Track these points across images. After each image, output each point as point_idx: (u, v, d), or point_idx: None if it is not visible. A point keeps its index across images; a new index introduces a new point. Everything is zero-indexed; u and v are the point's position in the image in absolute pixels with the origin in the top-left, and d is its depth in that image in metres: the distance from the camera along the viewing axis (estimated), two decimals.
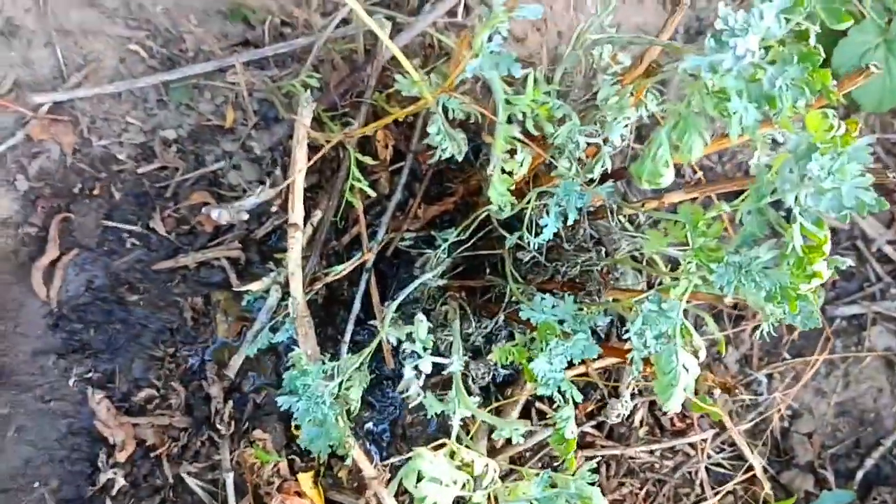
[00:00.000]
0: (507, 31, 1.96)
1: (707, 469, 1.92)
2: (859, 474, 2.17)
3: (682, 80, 1.06)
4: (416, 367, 1.12)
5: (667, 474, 1.84)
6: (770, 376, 2.12)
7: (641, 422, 1.80)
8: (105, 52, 1.70)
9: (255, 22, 1.76)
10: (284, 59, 1.73)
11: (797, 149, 1.01)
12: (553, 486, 1.11)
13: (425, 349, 1.12)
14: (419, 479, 1.06)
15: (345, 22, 1.76)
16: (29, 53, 1.67)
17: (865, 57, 2.08)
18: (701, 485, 1.89)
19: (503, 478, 1.21)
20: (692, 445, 1.88)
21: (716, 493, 1.90)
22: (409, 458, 1.07)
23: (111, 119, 1.67)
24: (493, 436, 1.52)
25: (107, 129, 1.67)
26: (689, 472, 1.88)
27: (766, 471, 2.05)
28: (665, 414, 1.86)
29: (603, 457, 1.73)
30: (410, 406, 1.21)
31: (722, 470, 1.94)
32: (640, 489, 1.78)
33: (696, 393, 1.20)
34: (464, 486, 1.12)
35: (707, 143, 1.04)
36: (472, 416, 1.22)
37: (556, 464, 1.70)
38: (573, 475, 1.12)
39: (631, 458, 1.77)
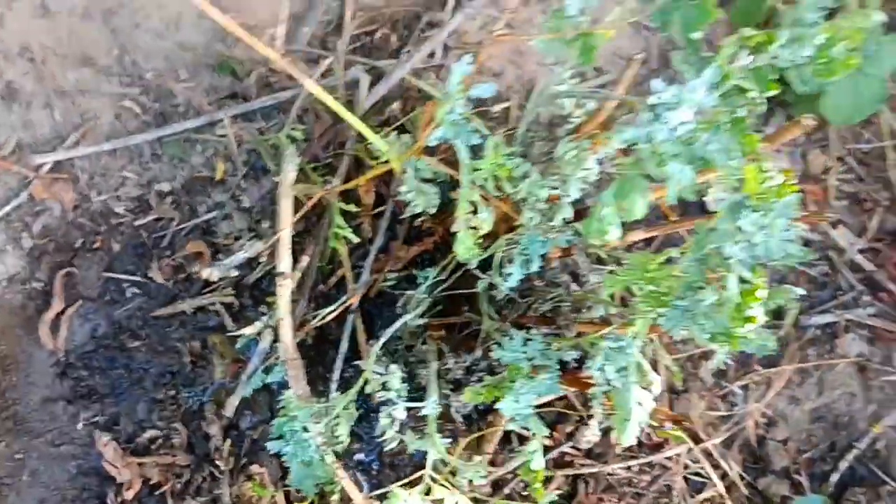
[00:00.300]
0: (483, 67, 2.06)
1: (686, 479, 2.02)
2: (834, 477, 2.27)
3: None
4: (390, 414, 1.23)
5: (644, 488, 1.94)
6: (745, 387, 2.22)
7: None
8: (101, 109, 1.81)
9: (242, 74, 1.87)
10: (270, 112, 1.83)
11: (731, 205, 1.11)
12: None
13: (399, 397, 1.23)
14: None
15: (328, 72, 1.86)
16: (28, 115, 1.77)
17: None
18: (680, 495, 1.99)
19: None
20: (669, 458, 1.98)
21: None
22: (387, 495, 1.18)
23: (108, 174, 1.78)
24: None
25: (105, 185, 1.78)
26: (667, 485, 1.99)
27: (742, 478, 2.15)
28: (642, 430, 1.96)
29: (581, 475, 1.84)
30: (386, 449, 1.31)
31: (700, 479, 2.04)
32: (619, 502, 1.89)
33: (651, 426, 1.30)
34: None
35: (648, 202, 1.14)
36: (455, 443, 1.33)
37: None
38: None
39: (609, 474, 1.87)
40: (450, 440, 1.67)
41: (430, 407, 1.27)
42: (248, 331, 1.65)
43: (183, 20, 1.87)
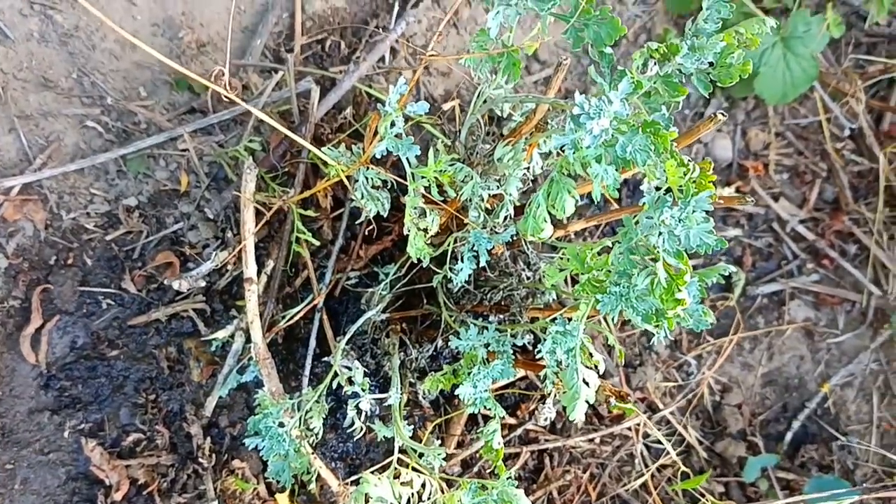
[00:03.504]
0: (432, 68, 2.13)
1: (647, 447, 2.14)
2: (788, 436, 2.40)
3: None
4: (357, 406, 1.33)
5: (607, 458, 2.06)
6: (699, 357, 2.34)
7: None
8: (64, 131, 1.87)
9: (199, 89, 1.94)
10: (228, 124, 1.91)
11: (653, 200, 1.21)
12: (484, 487, 1.32)
13: (364, 390, 1.33)
14: (367, 501, 1.27)
15: (280, 85, 1.94)
16: None
17: (763, 57, 2.29)
18: (641, 462, 2.11)
19: (450, 486, 1.42)
20: (628, 429, 2.10)
21: (656, 469, 2.12)
22: (358, 481, 1.28)
23: (77, 193, 1.85)
24: (443, 440, 1.74)
25: (74, 203, 1.85)
26: (629, 453, 2.11)
27: (700, 442, 2.28)
28: (601, 404, 2.07)
29: (546, 449, 1.95)
30: (355, 438, 1.41)
31: (660, 446, 2.16)
32: (584, 473, 2.00)
33: (597, 402, 1.40)
34: (408, 500, 1.33)
35: (577, 200, 1.24)
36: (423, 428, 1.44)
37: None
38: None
39: (573, 447, 1.99)
40: (419, 425, 1.78)
41: (395, 397, 1.37)
42: (221, 334, 1.74)
43: (138, 39, 1.94)
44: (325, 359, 1.66)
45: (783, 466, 2.32)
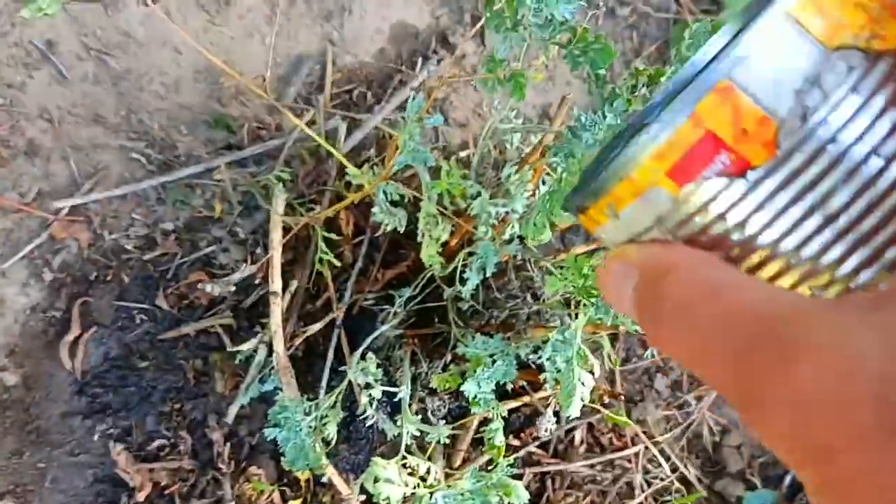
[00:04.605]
0: (450, 119, 2.31)
1: (647, 482, 2.21)
2: (787, 479, 2.46)
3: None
4: (370, 395, 1.44)
5: (608, 486, 2.14)
6: (699, 398, 2.42)
7: (582, 441, 2.11)
8: (111, 161, 2.05)
9: (236, 128, 2.13)
10: (261, 158, 2.09)
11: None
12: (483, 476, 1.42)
13: (376, 380, 1.45)
14: (376, 482, 1.37)
15: (311, 123, 2.12)
16: (48, 167, 2.02)
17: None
18: (641, 492, 2.18)
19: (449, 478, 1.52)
20: (629, 459, 2.18)
21: (655, 501, 2.19)
22: (370, 466, 1.38)
23: (119, 217, 2.02)
24: (448, 456, 1.84)
25: (116, 225, 2.01)
26: (628, 483, 2.18)
27: (700, 480, 2.34)
28: (603, 434, 2.17)
29: (548, 472, 2.04)
30: (367, 424, 1.52)
31: (660, 481, 2.23)
32: (584, 498, 2.08)
33: (592, 401, 1.51)
34: (415, 486, 1.43)
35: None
36: (426, 439, 1.54)
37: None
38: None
39: (573, 472, 2.07)
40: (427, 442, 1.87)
41: (404, 392, 1.49)
42: (246, 347, 1.86)
43: (181, 84, 2.14)
44: (342, 368, 1.77)
45: None
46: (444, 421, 1.95)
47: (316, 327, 1.81)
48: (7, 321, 1.92)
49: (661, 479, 2.24)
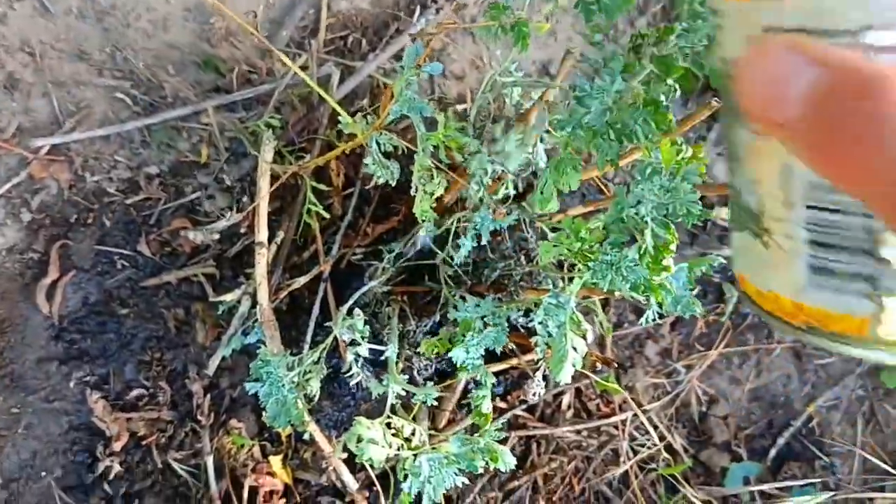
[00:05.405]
0: (447, 71, 2.24)
1: (633, 449, 2.19)
2: (772, 451, 2.45)
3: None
4: (356, 353, 1.39)
5: (593, 452, 2.12)
6: (688, 367, 2.40)
7: (569, 406, 2.08)
8: (95, 100, 1.97)
9: (225, 71, 2.04)
10: (250, 103, 2.01)
11: (645, 173, 1.29)
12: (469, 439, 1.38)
13: (363, 338, 1.40)
14: (360, 441, 1.33)
15: (303, 68, 2.04)
16: (28, 103, 1.94)
17: None
18: (626, 459, 2.16)
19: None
20: (615, 426, 2.15)
21: (640, 469, 2.17)
22: (353, 425, 1.34)
23: (101, 158, 1.94)
24: (433, 416, 1.80)
25: (98, 167, 1.94)
26: (614, 450, 2.16)
27: (686, 450, 2.32)
28: (591, 399, 2.14)
29: (534, 436, 2.01)
30: (352, 383, 1.47)
31: (645, 449, 2.21)
32: (570, 464, 2.05)
33: (584, 366, 1.46)
34: (398, 447, 1.39)
35: (580, 175, 1.33)
36: (410, 399, 1.49)
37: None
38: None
39: (559, 437, 2.04)
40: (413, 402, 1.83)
41: (391, 350, 1.44)
42: (229, 297, 1.81)
43: (170, 22, 2.05)
44: (327, 323, 1.73)
45: (765, 479, 2.36)
46: (430, 381, 1.91)
47: (302, 280, 1.76)
48: None
49: (648, 448, 2.22)
